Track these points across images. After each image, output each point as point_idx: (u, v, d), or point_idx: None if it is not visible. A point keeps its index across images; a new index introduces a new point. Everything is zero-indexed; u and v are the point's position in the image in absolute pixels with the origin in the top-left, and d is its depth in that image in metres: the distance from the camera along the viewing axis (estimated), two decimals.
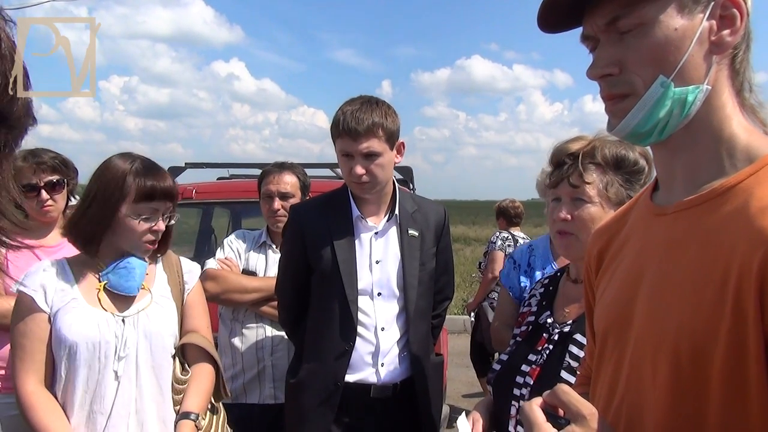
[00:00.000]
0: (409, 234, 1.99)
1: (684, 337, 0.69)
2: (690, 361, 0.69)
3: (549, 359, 1.37)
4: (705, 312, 0.68)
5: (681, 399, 0.70)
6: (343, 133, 1.88)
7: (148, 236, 1.66)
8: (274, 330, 2.41)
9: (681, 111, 0.75)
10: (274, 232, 2.54)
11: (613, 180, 1.37)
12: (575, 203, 1.39)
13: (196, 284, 1.84)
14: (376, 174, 1.89)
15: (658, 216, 0.81)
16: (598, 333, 0.91)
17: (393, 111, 1.93)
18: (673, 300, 0.73)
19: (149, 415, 1.62)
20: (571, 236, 1.41)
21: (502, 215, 4.84)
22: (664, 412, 0.71)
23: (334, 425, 1.90)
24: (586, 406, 0.73)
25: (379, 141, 1.87)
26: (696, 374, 0.68)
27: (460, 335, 7.15)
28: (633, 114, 0.76)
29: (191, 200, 3.28)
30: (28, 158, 2.32)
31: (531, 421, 0.75)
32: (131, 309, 1.67)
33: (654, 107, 0.75)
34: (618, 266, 0.89)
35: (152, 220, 1.66)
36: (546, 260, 2.32)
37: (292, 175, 2.52)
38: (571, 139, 1.43)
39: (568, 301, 1.46)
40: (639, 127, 0.77)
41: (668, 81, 0.74)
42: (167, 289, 1.76)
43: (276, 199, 2.46)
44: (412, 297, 1.95)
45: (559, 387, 0.76)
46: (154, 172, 1.68)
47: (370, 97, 1.94)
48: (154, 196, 1.65)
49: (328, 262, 1.92)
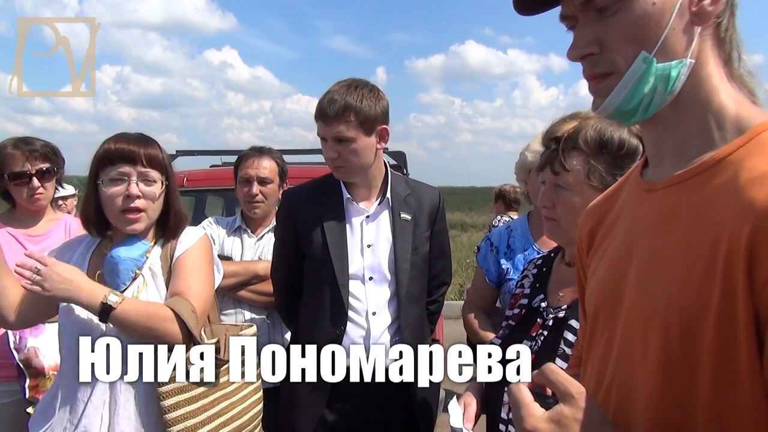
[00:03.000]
0: (402, 218, 1.97)
1: (673, 313, 0.68)
2: (679, 338, 0.67)
3: (543, 346, 1.35)
4: (694, 287, 0.66)
5: (671, 376, 0.68)
6: (317, 116, 1.87)
7: (120, 201, 1.60)
8: (253, 314, 2.38)
9: (665, 87, 0.73)
10: (249, 217, 2.52)
11: (596, 166, 1.30)
12: (557, 190, 1.36)
13: (187, 249, 1.72)
14: (349, 159, 1.87)
15: (648, 192, 0.80)
16: (588, 312, 0.90)
17: (375, 95, 1.88)
18: (663, 276, 0.71)
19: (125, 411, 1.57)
20: (555, 222, 1.38)
21: (502, 198, 4.85)
22: (655, 389, 0.70)
23: (326, 410, 1.89)
24: (575, 385, 0.71)
25: (349, 126, 1.83)
26: (686, 351, 0.66)
27: (458, 320, 7.14)
28: (616, 92, 0.74)
29: (183, 188, 3.25)
30: (20, 145, 2.29)
31: (518, 402, 0.73)
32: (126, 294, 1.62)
33: (637, 84, 0.73)
34: (609, 245, 0.87)
35: (120, 183, 1.60)
36: (526, 241, 2.29)
37: (270, 160, 2.50)
38: (563, 118, 1.38)
39: (563, 284, 1.44)
40: (623, 106, 0.75)
41: (650, 57, 0.72)
42: (158, 264, 1.70)
43: (254, 183, 2.43)
44: (403, 281, 1.93)
45: (547, 366, 0.74)
46: (119, 136, 1.64)
47: (355, 79, 1.90)
48: (112, 158, 1.60)
49: (318, 246, 1.90)
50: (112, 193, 1.60)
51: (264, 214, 2.48)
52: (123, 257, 1.63)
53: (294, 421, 1.94)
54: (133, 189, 1.59)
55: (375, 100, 1.86)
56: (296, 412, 1.93)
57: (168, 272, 1.69)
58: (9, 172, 2.27)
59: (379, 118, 1.88)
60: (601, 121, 1.32)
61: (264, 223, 2.51)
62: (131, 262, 1.64)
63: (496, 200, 4.96)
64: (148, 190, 1.62)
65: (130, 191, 1.59)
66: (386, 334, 1.92)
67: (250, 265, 2.36)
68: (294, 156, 3.87)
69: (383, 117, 1.90)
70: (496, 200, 4.94)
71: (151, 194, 1.63)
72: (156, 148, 1.67)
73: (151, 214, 1.65)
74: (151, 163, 1.63)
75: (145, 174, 1.62)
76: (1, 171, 2.29)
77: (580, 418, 0.68)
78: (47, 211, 2.43)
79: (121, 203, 1.60)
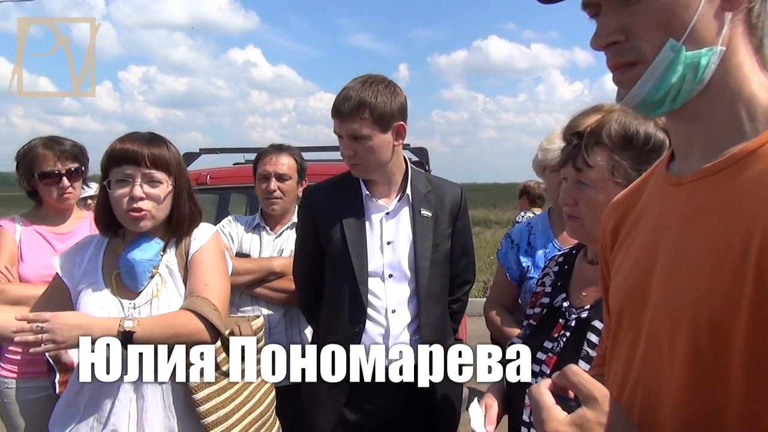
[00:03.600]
0: (422, 214, 1.94)
1: (702, 313, 0.65)
2: (709, 339, 0.64)
3: (566, 347, 1.31)
4: (725, 284, 0.63)
5: (700, 379, 0.65)
6: (333, 113, 1.86)
7: (124, 202, 1.60)
8: (271, 311, 2.37)
9: (694, 76, 0.69)
10: (268, 214, 2.51)
11: (620, 162, 1.25)
12: (579, 187, 1.31)
13: (201, 246, 1.73)
14: (365, 157, 1.85)
15: (675, 186, 0.76)
16: (612, 311, 0.87)
17: (391, 91, 1.85)
18: (691, 273, 0.68)
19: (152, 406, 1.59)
20: (578, 219, 1.33)
21: (526, 194, 4.81)
22: (683, 393, 0.67)
23: (346, 409, 1.88)
24: (598, 388, 0.68)
25: (364, 124, 1.81)
26: (716, 353, 0.63)
27: (481, 318, 7.11)
28: (642, 82, 0.71)
29: (206, 186, 3.27)
30: (50, 145, 2.33)
31: (539, 404, 0.71)
32: (140, 297, 1.65)
33: (665, 73, 0.70)
34: (633, 240, 0.84)
35: (125, 184, 1.61)
36: (547, 238, 2.26)
37: (289, 157, 2.49)
38: (586, 111, 1.33)
39: (585, 283, 1.39)
40: (649, 96, 0.72)
41: (679, 44, 0.68)
42: (174, 262, 1.71)
43: (272, 179, 2.43)
44: (423, 279, 1.91)
45: (569, 368, 0.71)
46: (127, 137, 1.64)
47: (371, 75, 1.88)
48: (117, 159, 1.60)
49: (337, 243, 1.89)
50: (118, 194, 1.61)
51: (282, 210, 2.47)
52: (138, 259, 1.63)
53: (314, 419, 1.93)
54: (136, 191, 1.60)
55: (391, 96, 1.84)
56: (316, 410, 1.92)
57: (184, 269, 1.70)
58: (39, 172, 2.31)
59: (396, 115, 1.85)
60: (625, 114, 1.27)
61: (282, 220, 2.51)
62: (147, 263, 1.65)
63: (520, 196, 4.92)
64: (152, 192, 1.62)
65: (134, 193, 1.59)
66: (406, 333, 1.90)
67: (266, 262, 2.36)
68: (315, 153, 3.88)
69: (400, 113, 1.87)
70: (521, 196, 4.90)
71: (155, 196, 1.63)
72: (163, 147, 1.66)
73: (157, 214, 1.65)
74: (155, 164, 1.62)
75: (149, 175, 1.62)
76: (31, 170, 2.33)
77: (604, 422, 0.66)
78: (73, 209, 2.47)
79: (125, 205, 1.60)
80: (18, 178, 2.38)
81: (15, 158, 2.37)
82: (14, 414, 2.29)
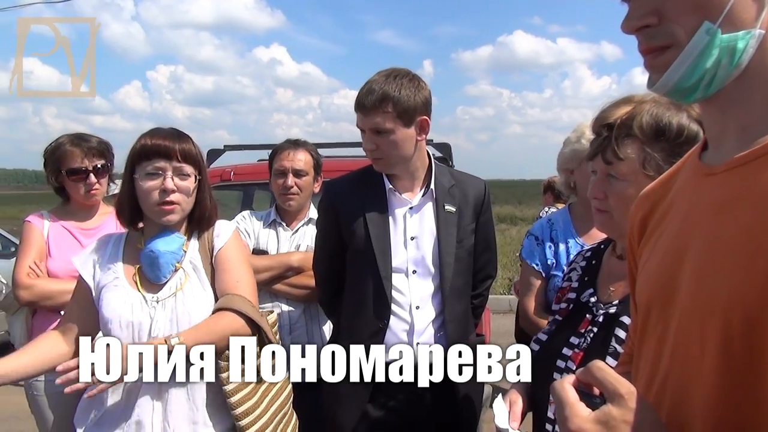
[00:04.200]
0: (446, 209, 1.92)
1: (735, 308, 0.61)
2: (742, 336, 0.60)
3: (593, 344, 1.27)
4: (759, 280, 0.59)
5: (733, 378, 0.62)
6: (356, 107, 1.85)
7: (156, 195, 1.63)
8: (291, 308, 2.37)
9: (730, 60, 0.66)
10: (284, 210, 2.50)
11: (652, 155, 1.21)
12: (609, 180, 1.27)
13: (225, 242, 1.75)
14: (388, 151, 1.83)
15: (707, 176, 0.72)
16: (640, 306, 0.83)
17: (415, 85, 1.83)
18: (723, 268, 0.64)
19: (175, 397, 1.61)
20: (607, 213, 1.30)
21: (550, 190, 4.76)
22: (714, 391, 0.63)
23: (369, 405, 1.88)
24: (624, 384, 0.65)
25: (387, 117, 1.78)
26: (749, 350, 0.60)
27: (506, 315, 7.07)
28: (675, 67, 0.67)
29: (230, 182, 3.29)
30: (78, 142, 2.37)
31: (562, 401, 0.68)
32: (163, 291, 1.66)
33: (699, 58, 0.66)
34: (662, 233, 0.81)
35: (156, 177, 1.63)
36: (568, 234, 2.21)
37: (305, 152, 2.48)
38: (616, 102, 1.29)
39: (614, 278, 1.35)
40: (683, 82, 0.68)
41: (714, 27, 0.64)
42: (198, 259, 1.72)
43: (289, 175, 2.42)
44: (447, 275, 1.89)
45: (593, 364, 0.68)
46: (155, 132, 1.66)
47: (395, 69, 1.86)
48: (148, 153, 1.63)
49: (361, 238, 1.88)
50: (148, 187, 1.62)
51: (299, 206, 2.47)
52: (162, 251, 1.65)
53: (336, 415, 1.93)
54: (168, 183, 1.62)
55: (415, 90, 1.81)
56: (339, 406, 1.92)
57: (209, 265, 1.71)
58: (67, 168, 2.35)
59: (419, 109, 1.83)
60: (657, 106, 1.23)
61: (299, 216, 2.50)
62: (171, 256, 1.66)
63: (545, 192, 4.86)
64: (182, 185, 1.65)
65: (166, 185, 1.62)
66: (430, 329, 1.89)
67: (283, 258, 2.36)
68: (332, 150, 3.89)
69: (423, 108, 1.84)
70: (545, 192, 4.84)
71: (185, 188, 1.66)
72: (189, 143, 1.69)
73: (186, 207, 1.68)
74: (185, 158, 1.65)
75: (179, 169, 1.65)
76: (59, 167, 2.37)
77: (630, 420, 0.63)
78: (100, 205, 2.51)
79: (157, 197, 1.63)
80: (46, 174, 2.42)
81: (43, 155, 2.41)
82: (43, 407, 2.33)
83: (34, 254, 2.30)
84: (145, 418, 1.58)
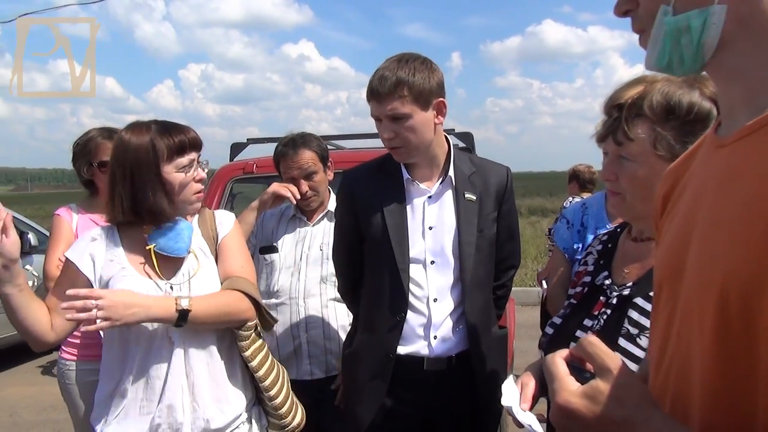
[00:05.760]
0: (466, 198, 1.87)
1: (732, 284, 0.59)
2: (739, 313, 0.58)
3: (606, 325, 1.26)
4: (755, 254, 0.57)
5: (729, 357, 0.59)
6: (369, 96, 1.80)
7: (194, 185, 1.70)
8: (307, 304, 2.36)
9: (690, 39, 0.66)
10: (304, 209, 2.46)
11: (663, 135, 1.19)
12: (620, 161, 1.26)
13: (229, 231, 1.80)
14: (408, 138, 1.77)
15: (717, 149, 0.70)
16: (654, 284, 0.82)
17: (428, 67, 1.78)
18: (722, 242, 0.62)
19: (199, 378, 1.64)
20: (619, 195, 1.28)
21: (576, 179, 4.66)
22: (711, 369, 0.61)
23: (387, 397, 1.85)
24: (613, 359, 0.66)
25: (404, 102, 1.74)
26: (746, 326, 0.57)
27: (535, 307, 6.99)
28: (649, 50, 0.70)
29: (253, 174, 3.33)
30: (110, 135, 2.41)
31: (553, 374, 0.69)
32: (178, 276, 1.67)
33: (664, 40, 0.68)
34: (678, 210, 0.79)
35: (189, 169, 1.68)
36: (600, 220, 2.17)
37: (308, 150, 2.37)
38: (628, 83, 1.27)
39: (628, 260, 1.33)
40: (659, 62, 0.70)
41: (669, 8, 0.66)
42: (205, 245, 1.76)
43: (301, 182, 2.35)
44: (468, 266, 1.84)
45: (585, 339, 0.69)
46: (176, 128, 1.70)
47: (405, 53, 1.82)
48: (185, 148, 1.67)
49: (378, 229, 1.84)
50: (187, 179, 1.67)
51: (319, 202, 2.43)
52: (187, 225, 1.71)
53: (354, 408, 1.91)
54: (201, 173, 1.71)
55: (428, 72, 1.77)
56: (357, 399, 1.90)
57: (215, 253, 1.76)
58: (99, 161, 2.40)
59: (435, 91, 1.79)
60: (669, 84, 1.20)
61: (319, 209, 2.46)
62: (190, 230, 1.71)
63: (569, 181, 4.76)
64: (202, 174, 1.74)
65: (200, 175, 1.71)
66: (448, 321, 1.84)
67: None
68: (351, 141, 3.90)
69: (439, 89, 1.80)
70: (570, 181, 4.74)
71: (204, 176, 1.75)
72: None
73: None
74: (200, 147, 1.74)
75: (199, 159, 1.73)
76: (90, 160, 2.42)
77: (616, 394, 0.63)
78: None
79: (194, 188, 1.70)
80: (75, 167, 2.48)
81: (72, 148, 2.46)
82: (75, 396, 2.38)
83: (64, 247, 2.36)
84: (176, 401, 1.61)
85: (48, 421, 4.51)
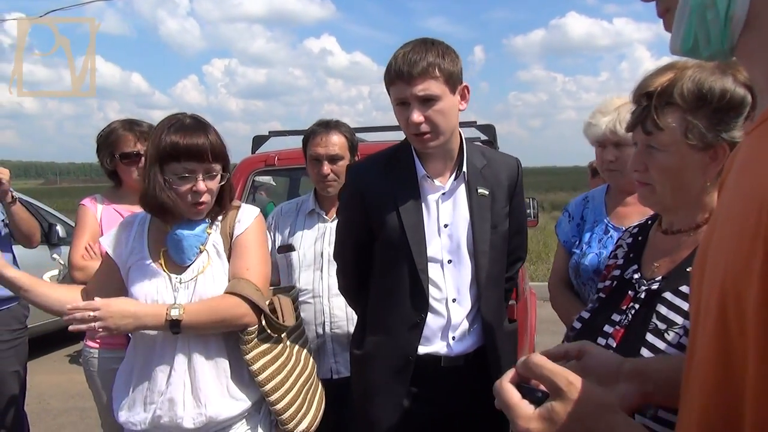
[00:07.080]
0: (479, 193, 1.81)
1: (729, 277, 0.55)
2: (735, 306, 0.53)
3: (634, 320, 1.21)
4: (745, 246, 0.52)
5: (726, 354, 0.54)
6: (396, 78, 1.70)
7: (189, 197, 1.64)
8: (331, 302, 2.35)
9: (717, 15, 0.61)
10: (322, 197, 2.45)
11: (694, 123, 1.13)
12: (649, 151, 1.21)
13: (245, 229, 1.76)
14: (437, 122, 1.69)
15: (745, 136, 0.67)
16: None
17: (452, 51, 1.74)
18: (726, 236, 0.59)
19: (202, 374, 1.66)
20: (649, 186, 1.23)
21: (597, 174, 4.57)
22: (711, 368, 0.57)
23: (404, 398, 1.81)
24: (561, 377, 0.65)
25: (437, 82, 1.67)
26: (740, 325, 0.52)
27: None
28: (674, 32, 0.66)
29: (275, 167, 3.34)
30: (130, 127, 2.44)
31: (505, 403, 0.69)
32: (187, 273, 1.70)
33: (689, 18, 0.63)
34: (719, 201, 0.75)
35: (189, 180, 1.63)
36: (599, 213, 2.12)
37: (339, 135, 2.38)
38: (658, 69, 1.22)
39: (658, 254, 1.28)
40: (685, 44, 0.66)
41: None
42: (220, 243, 1.75)
43: (325, 163, 2.34)
44: (483, 263, 1.79)
45: (530, 358, 0.69)
46: (183, 129, 1.63)
47: (424, 38, 1.76)
48: (178, 155, 1.61)
49: (394, 229, 1.76)
50: (183, 191, 1.63)
51: (336, 192, 2.40)
52: (186, 234, 1.69)
53: (371, 410, 1.85)
54: (200, 186, 1.63)
55: (453, 55, 1.73)
56: (373, 399, 1.84)
57: (229, 250, 1.74)
58: (121, 153, 2.43)
59: (459, 75, 1.75)
60: (701, 71, 1.15)
61: (336, 202, 2.42)
62: (194, 239, 1.70)
63: (592, 175, 4.68)
64: (211, 185, 1.66)
65: (198, 188, 1.63)
66: (465, 321, 1.81)
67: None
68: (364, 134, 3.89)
69: (461, 75, 1.76)
70: (593, 175, 4.66)
71: (213, 188, 1.68)
72: (215, 135, 1.68)
73: (212, 203, 1.72)
74: (215, 157, 1.66)
75: (209, 169, 1.65)
76: (113, 151, 2.45)
77: (573, 411, 0.63)
78: None
79: (190, 199, 1.64)
80: (99, 159, 2.51)
81: (96, 140, 2.50)
82: (98, 383, 2.43)
83: (88, 236, 2.40)
84: (177, 395, 1.64)
85: (75, 409, 4.62)
